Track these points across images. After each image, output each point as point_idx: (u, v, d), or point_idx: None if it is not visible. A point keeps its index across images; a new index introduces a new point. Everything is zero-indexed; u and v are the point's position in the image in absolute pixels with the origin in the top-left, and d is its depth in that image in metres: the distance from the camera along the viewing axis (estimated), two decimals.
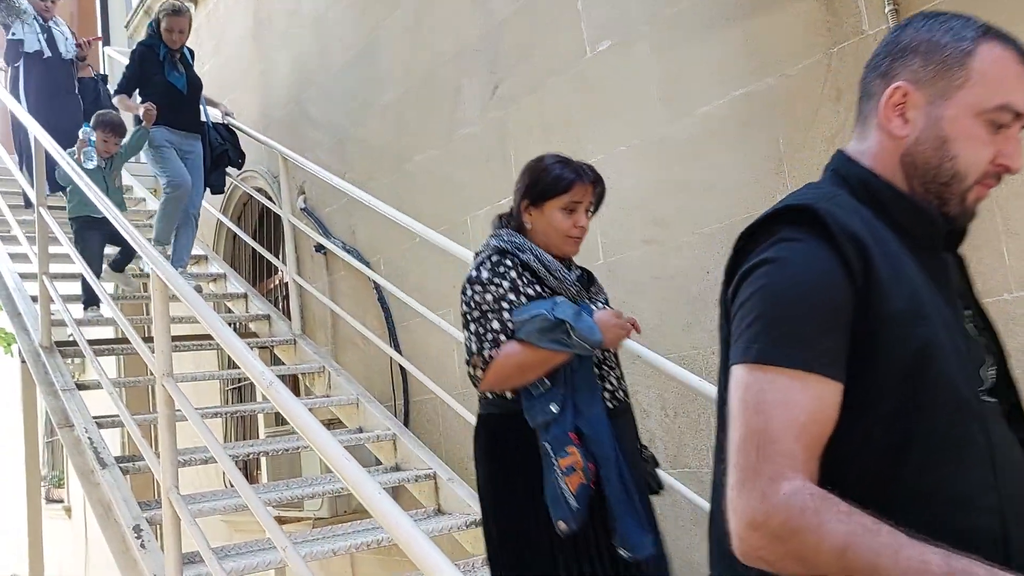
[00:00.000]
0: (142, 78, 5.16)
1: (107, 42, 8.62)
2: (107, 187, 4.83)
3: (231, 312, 5.77)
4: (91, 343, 4.26)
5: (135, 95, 5.19)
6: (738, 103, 3.03)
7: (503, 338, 2.10)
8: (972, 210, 1.15)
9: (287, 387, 6.01)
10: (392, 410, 4.64)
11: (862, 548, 0.88)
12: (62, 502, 11.49)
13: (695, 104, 3.18)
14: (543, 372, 2.09)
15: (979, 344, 1.14)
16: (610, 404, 2.18)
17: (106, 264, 5.12)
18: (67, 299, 4.47)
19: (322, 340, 5.35)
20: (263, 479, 6.35)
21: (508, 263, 2.17)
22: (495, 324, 2.11)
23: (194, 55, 5.52)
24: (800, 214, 1.06)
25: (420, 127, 4.57)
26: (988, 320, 1.21)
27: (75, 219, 4.86)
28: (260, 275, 6.63)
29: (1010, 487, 1.04)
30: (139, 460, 3.61)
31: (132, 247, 4.93)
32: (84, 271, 4.30)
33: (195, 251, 6.25)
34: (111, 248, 5.14)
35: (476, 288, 2.15)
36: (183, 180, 5.05)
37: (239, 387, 6.95)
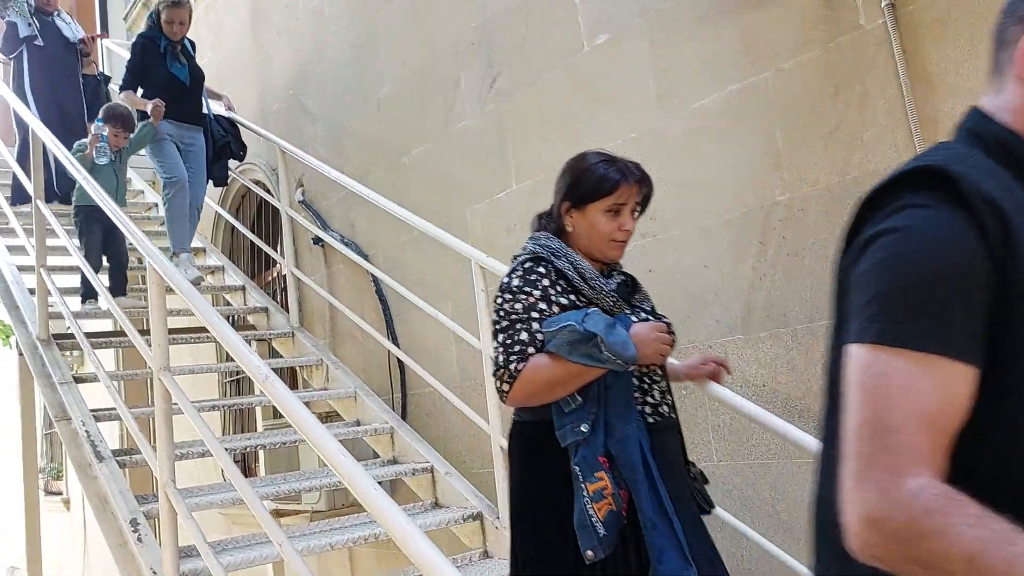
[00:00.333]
0: (144, 70, 5.13)
1: (105, 33, 8.61)
2: (117, 181, 4.81)
3: (229, 304, 5.77)
4: (88, 336, 4.26)
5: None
6: (734, 98, 3.03)
7: (531, 350, 1.95)
8: None
9: (285, 380, 6.01)
10: (390, 403, 4.65)
11: (995, 558, 0.79)
12: (61, 494, 11.51)
13: (691, 98, 3.17)
14: (574, 388, 1.95)
15: None
16: (651, 419, 2.03)
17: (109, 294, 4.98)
18: (64, 292, 4.46)
19: (320, 333, 5.35)
20: (261, 472, 6.36)
21: (541, 270, 2.03)
22: (523, 335, 1.97)
23: (195, 47, 5.49)
24: (930, 177, 0.94)
25: (418, 121, 4.56)
26: None
27: (81, 208, 4.81)
28: (258, 268, 6.63)
29: None
30: (136, 454, 3.62)
31: (122, 266, 4.97)
32: (82, 265, 4.28)
33: (193, 243, 6.25)
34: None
35: (506, 296, 2.02)
36: (180, 175, 5.03)
37: (237, 379, 6.95)
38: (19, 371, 4.98)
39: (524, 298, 1.99)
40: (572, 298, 2.02)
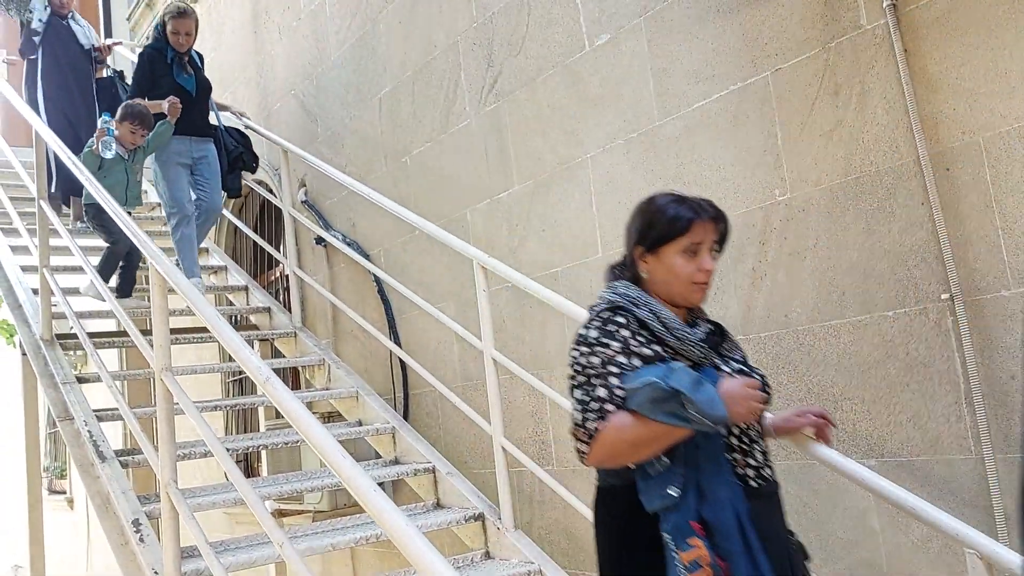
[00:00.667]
0: (151, 81, 5.03)
1: (109, 35, 8.61)
2: (128, 179, 4.74)
3: (232, 304, 5.78)
4: (91, 336, 4.27)
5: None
6: (734, 97, 3.02)
7: (610, 407, 1.81)
8: None
9: (288, 379, 6.00)
10: (392, 403, 4.65)
11: None
12: (64, 493, 11.53)
13: (691, 98, 3.17)
14: (658, 449, 1.81)
15: None
16: (755, 483, 1.88)
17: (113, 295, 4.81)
18: (67, 292, 4.47)
19: (322, 332, 5.35)
20: (264, 472, 6.37)
21: (620, 320, 1.89)
22: (600, 391, 1.82)
23: (203, 59, 5.38)
24: None
25: (419, 120, 4.57)
26: None
27: (91, 204, 4.69)
28: (261, 267, 6.64)
29: None
30: (139, 454, 3.62)
31: (133, 267, 4.90)
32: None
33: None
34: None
35: (582, 349, 1.88)
36: (183, 208, 4.92)
37: (240, 379, 6.96)
38: (22, 371, 4.99)
39: (602, 351, 1.86)
40: (656, 349, 1.88)
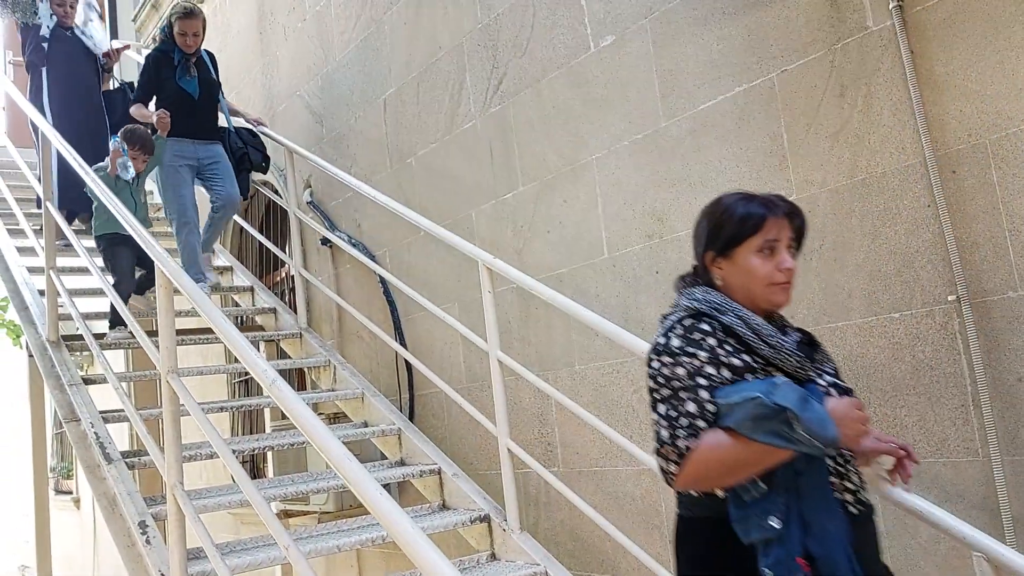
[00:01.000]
0: (157, 84, 4.98)
1: (115, 36, 8.63)
2: (136, 203, 4.65)
3: (238, 305, 5.79)
4: (97, 337, 4.28)
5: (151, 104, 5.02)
6: (740, 98, 3.02)
7: (701, 424, 1.66)
8: None
9: (293, 380, 6.00)
10: (397, 404, 4.65)
11: None
12: (71, 493, 11.57)
13: (697, 99, 3.17)
14: (755, 472, 1.64)
15: None
16: (854, 510, 1.72)
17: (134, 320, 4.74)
18: (74, 293, 4.48)
19: (328, 333, 5.36)
20: (269, 473, 6.38)
21: (705, 327, 1.73)
22: (690, 406, 1.67)
23: (215, 59, 5.31)
24: None
25: (423, 121, 4.57)
26: None
27: (102, 237, 4.67)
28: (266, 268, 6.65)
29: None
30: (145, 455, 3.64)
31: (152, 278, 4.87)
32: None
33: None
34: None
35: (665, 360, 1.72)
36: (185, 213, 4.88)
37: (246, 380, 6.97)
38: (29, 372, 5.01)
39: (688, 361, 1.70)
40: (746, 359, 1.72)
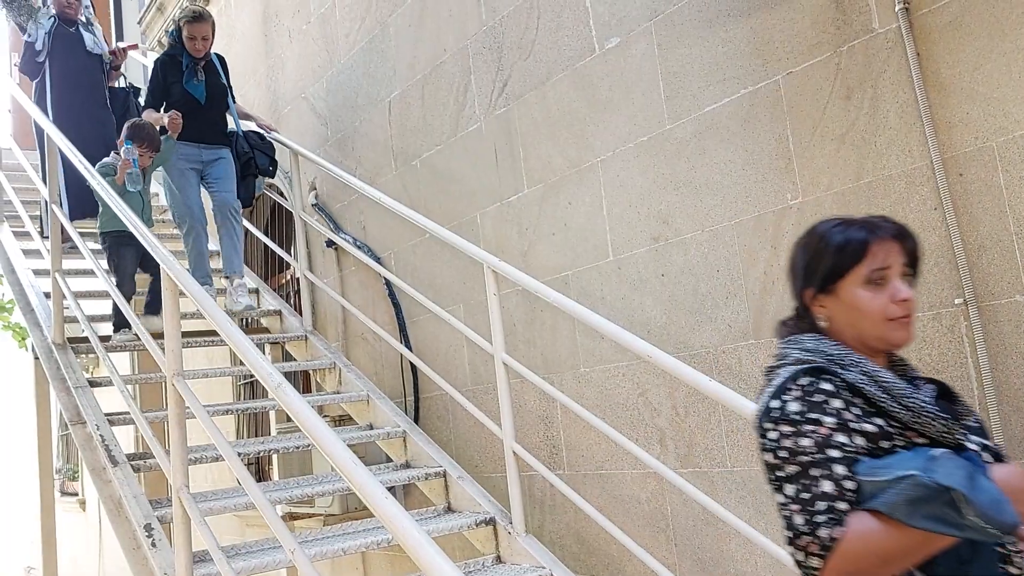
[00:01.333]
0: (163, 89, 4.95)
1: (120, 39, 8.64)
2: (143, 203, 4.62)
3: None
4: (103, 340, 4.29)
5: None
6: (745, 101, 3.01)
7: (843, 506, 1.38)
8: None
9: (299, 382, 5.99)
10: (402, 406, 4.65)
11: None
12: (77, 495, 11.59)
13: (702, 102, 3.16)
14: (914, 563, 1.39)
15: None
16: None
17: (139, 312, 4.65)
18: (79, 296, 4.49)
19: (333, 336, 5.36)
20: (274, 475, 6.38)
21: (826, 387, 1.47)
22: (825, 486, 1.39)
23: (225, 63, 5.27)
24: None
25: (428, 123, 4.57)
26: None
27: (107, 234, 4.60)
28: (272, 270, 6.66)
29: None
30: (151, 458, 3.64)
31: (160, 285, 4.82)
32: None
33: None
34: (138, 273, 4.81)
35: (783, 429, 1.44)
36: (191, 216, 4.84)
37: (251, 382, 6.98)
38: (35, 374, 5.02)
39: (812, 430, 1.42)
40: (879, 423, 1.45)
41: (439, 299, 4.32)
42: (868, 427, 1.44)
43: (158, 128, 4.75)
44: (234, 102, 5.28)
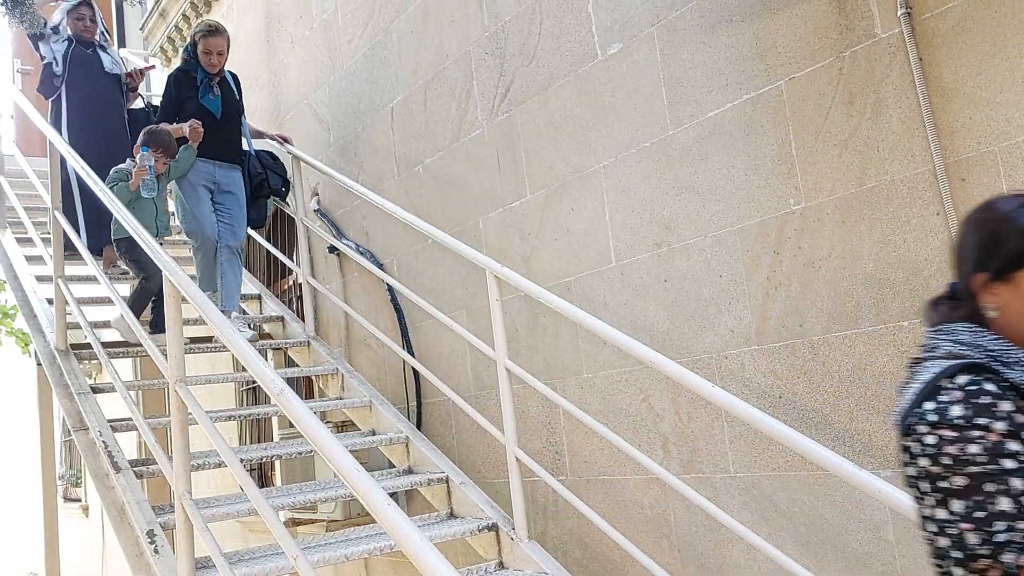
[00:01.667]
0: (177, 104, 4.89)
1: (123, 45, 8.66)
2: (156, 210, 4.59)
3: (246, 313, 5.79)
4: (105, 346, 4.29)
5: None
6: (748, 106, 3.01)
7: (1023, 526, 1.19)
8: None
9: (301, 388, 5.97)
10: (405, 412, 4.65)
11: None
12: (80, 501, 11.59)
13: (704, 107, 3.16)
14: None
15: None
16: None
17: (146, 328, 4.48)
18: (82, 302, 4.49)
19: (335, 342, 5.36)
20: (277, 481, 6.38)
21: (991, 388, 1.28)
22: (1003, 503, 1.20)
23: (238, 81, 5.24)
24: None
25: (431, 129, 4.57)
26: None
27: (122, 240, 4.55)
28: (274, 276, 6.66)
29: None
30: (153, 464, 3.64)
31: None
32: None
33: None
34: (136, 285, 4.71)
35: (945, 434, 1.26)
36: (202, 231, 4.78)
37: (254, 387, 6.98)
38: (37, 380, 5.02)
39: (981, 436, 1.24)
40: None
41: (442, 305, 4.32)
42: None
43: (177, 137, 4.70)
44: (245, 121, 5.25)
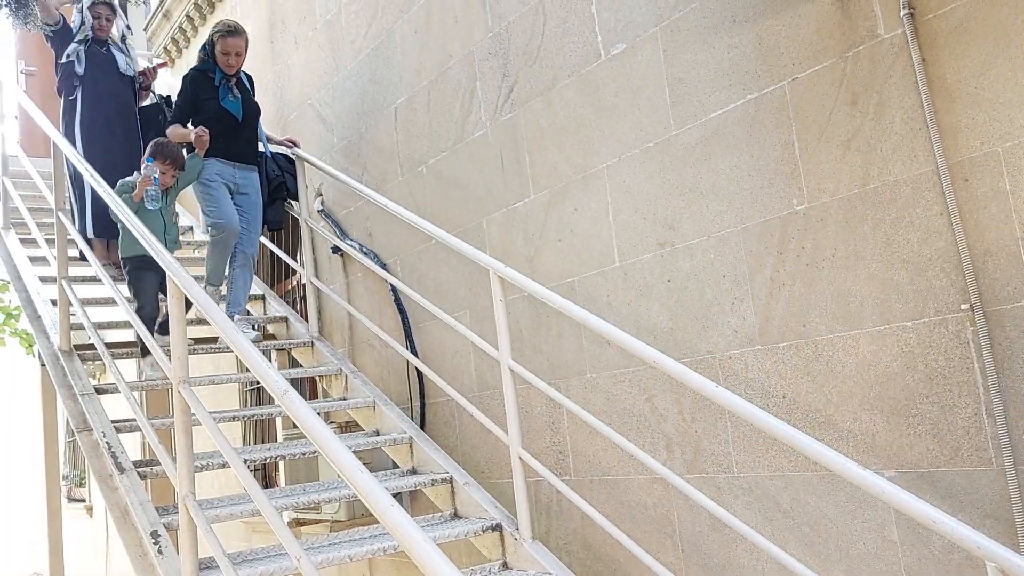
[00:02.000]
0: (194, 105, 4.82)
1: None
2: (165, 224, 4.52)
3: (250, 314, 5.80)
4: (109, 347, 4.29)
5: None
6: (751, 107, 3.01)
7: None
8: None
9: (305, 388, 5.97)
10: (408, 412, 4.65)
11: None
12: (84, 501, 11.61)
13: (708, 108, 3.16)
14: None
15: None
16: None
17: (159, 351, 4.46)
18: (86, 303, 4.49)
19: (339, 342, 5.37)
20: (281, 481, 6.38)
21: None
22: None
23: (253, 81, 5.21)
24: None
25: (434, 130, 4.58)
26: None
27: (128, 259, 4.46)
28: (278, 277, 6.66)
29: None
30: (157, 465, 3.64)
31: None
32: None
33: None
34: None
35: None
36: (230, 223, 4.71)
37: (257, 387, 6.99)
38: (41, 381, 5.03)
39: None
40: None
41: (445, 305, 4.33)
42: None
43: (184, 145, 4.66)
44: (260, 123, 5.22)
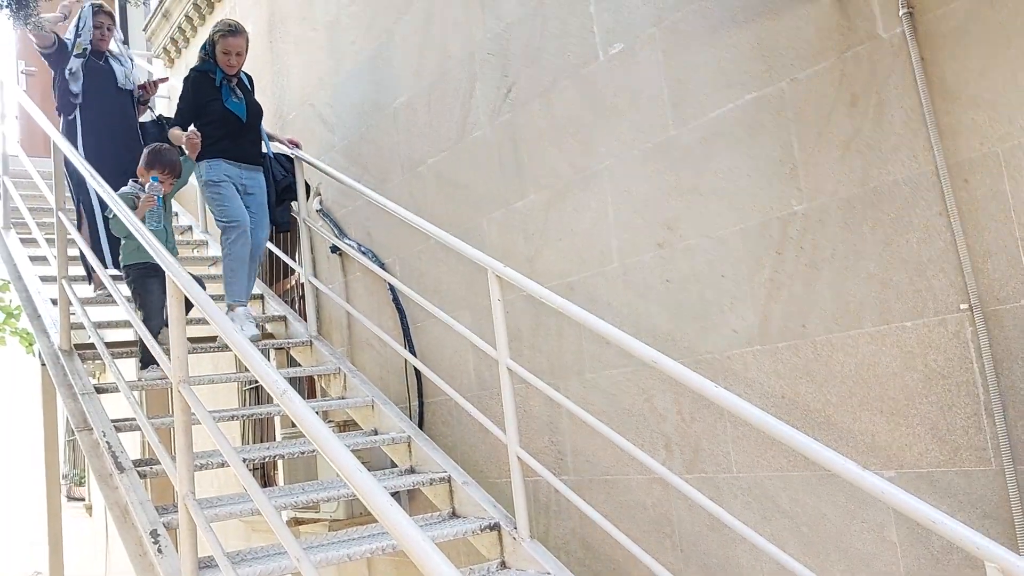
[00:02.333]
0: (196, 107, 4.74)
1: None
2: (166, 232, 4.47)
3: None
4: (109, 346, 4.29)
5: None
6: (750, 107, 3.02)
7: None
8: None
9: (304, 388, 5.97)
10: (407, 411, 4.65)
11: None
12: (83, 500, 11.62)
13: (707, 108, 3.16)
14: None
15: None
16: None
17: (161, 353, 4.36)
18: (86, 303, 4.49)
19: (338, 341, 5.37)
20: (280, 480, 6.38)
21: None
22: None
23: (253, 81, 5.17)
24: None
25: (433, 130, 4.58)
26: None
27: (130, 267, 4.39)
28: (276, 276, 6.66)
29: None
30: (157, 464, 3.64)
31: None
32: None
33: (212, 251, 6.30)
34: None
35: None
36: (243, 220, 4.65)
37: (256, 387, 6.99)
38: (41, 380, 5.03)
39: None
40: None
41: (444, 305, 4.33)
42: None
43: (178, 148, 4.60)
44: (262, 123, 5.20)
